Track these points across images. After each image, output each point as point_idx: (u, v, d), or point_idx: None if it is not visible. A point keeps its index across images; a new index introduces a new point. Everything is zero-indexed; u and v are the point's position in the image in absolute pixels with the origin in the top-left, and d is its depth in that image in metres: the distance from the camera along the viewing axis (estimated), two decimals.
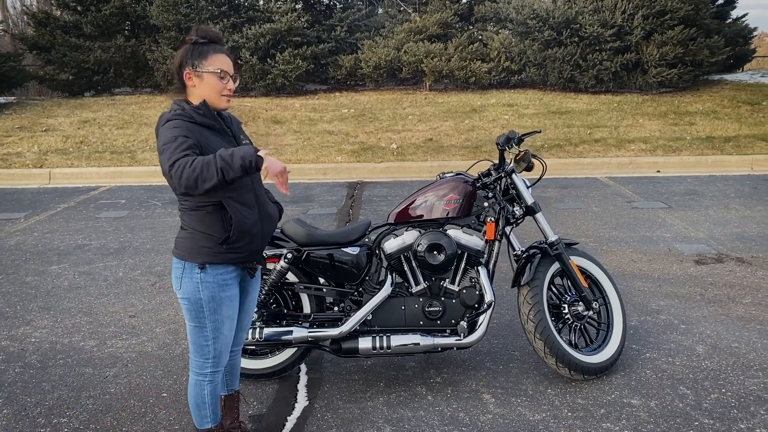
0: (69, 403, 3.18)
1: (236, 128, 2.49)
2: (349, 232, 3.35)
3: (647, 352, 3.64)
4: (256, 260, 2.50)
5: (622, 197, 7.65)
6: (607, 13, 12.43)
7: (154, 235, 6.25)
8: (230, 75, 2.36)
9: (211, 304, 2.38)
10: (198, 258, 2.36)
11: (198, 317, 2.41)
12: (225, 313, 2.42)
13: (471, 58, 13.35)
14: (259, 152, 2.15)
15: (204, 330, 2.42)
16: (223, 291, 2.39)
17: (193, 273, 2.37)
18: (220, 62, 2.33)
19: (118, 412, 3.10)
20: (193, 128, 2.26)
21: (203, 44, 2.34)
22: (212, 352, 2.46)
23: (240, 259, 2.41)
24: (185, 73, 2.32)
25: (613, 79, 12.78)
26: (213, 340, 2.44)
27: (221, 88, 2.33)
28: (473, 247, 3.29)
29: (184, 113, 2.29)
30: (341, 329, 3.19)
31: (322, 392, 3.27)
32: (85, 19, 14.44)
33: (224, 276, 2.39)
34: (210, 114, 2.33)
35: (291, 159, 9.94)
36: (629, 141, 10.24)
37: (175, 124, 2.23)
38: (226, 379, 2.72)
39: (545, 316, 3.23)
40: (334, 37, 14.03)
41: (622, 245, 5.71)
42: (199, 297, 2.37)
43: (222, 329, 2.44)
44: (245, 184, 2.37)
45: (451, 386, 3.30)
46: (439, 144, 10.40)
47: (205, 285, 2.36)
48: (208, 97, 2.33)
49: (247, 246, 2.39)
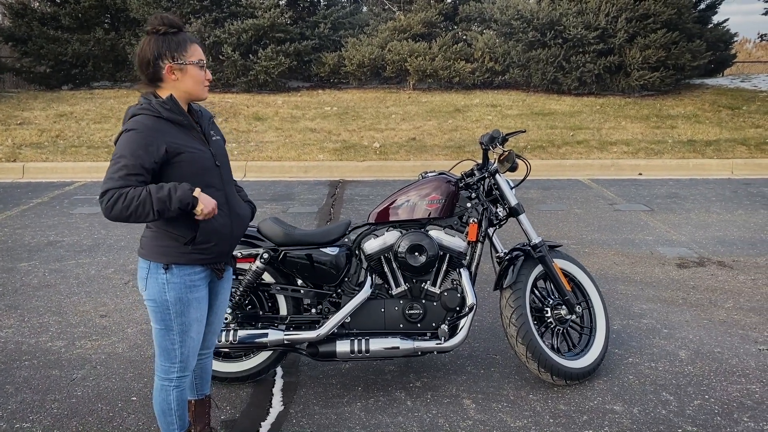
0: (33, 407, 3.05)
1: (206, 123, 2.38)
2: (328, 231, 3.25)
3: (630, 357, 3.59)
4: (224, 261, 2.40)
5: (604, 199, 7.63)
6: (591, 16, 12.46)
7: (129, 233, 6.09)
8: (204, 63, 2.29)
9: (177, 306, 2.27)
10: (163, 258, 2.25)
11: (164, 319, 2.29)
12: (192, 315, 2.31)
13: (455, 58, 13.31)
14: (194, 193, 2.13)
15: (171, 333, 2.31)
16: (191, 292, 2.29)
17: (158, 274, 2.26)
18: (198, 52, 2.27)
19: (84, 416, 2.98)
20: (158, 125, 2.17)
21: (175, 34, 2.23)
22: (179, 356, 2.35)
23: (207, 260, 2.30)
24: (167, 67, 2.21)
25: (596, 81, 12.81)
26: (180, 343, 2.32)
27: (203, 78, 2.27)
28: (455, 249, 3.21)
29: (150, 108, 2.19)
30: (319, 332, 3.09)
31: (298, 397, 3.17)
32: (63, 11, 14.16)
33: (191, 277, 2.28)
34: (177, 109, 2.23)
35: (272, 156, 9.81)
36: (611, 143, 10.26)
37: (132, 134, 2.13)
38: (195, 384, 2.61)
39: (528, 319, 3.16)
40: (318, 34, 13.91)
41: (604, 247, 5.68)
42: (165, 298, 2.26)
43: (189, 332, 2.33)
44: (214, 184, 2.28)
45: (431, 391, 3.22)
46: (422, 143, 10.33)
47: (171, 286, 2.25)
48: (191, 89, 2.26)
49: (215, 247, 2.29)
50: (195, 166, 2.22)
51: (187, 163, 2.20)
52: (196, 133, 2.29)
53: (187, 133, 2.25)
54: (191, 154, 2.21)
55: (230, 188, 2.39)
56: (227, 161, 2.42)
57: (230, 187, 2.39)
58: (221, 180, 2.32)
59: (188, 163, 2.20)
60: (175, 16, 2.28)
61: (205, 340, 2.51)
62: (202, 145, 2.28)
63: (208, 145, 2.31)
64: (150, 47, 2.21)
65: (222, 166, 2.34)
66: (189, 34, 2.29)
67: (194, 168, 2.22)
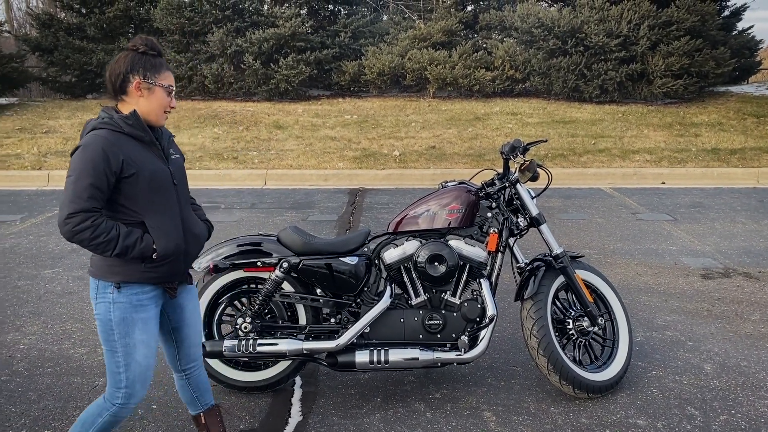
0: (55, 414, 3.08)
1: (166, 141, 2.38)
2: (348, 241, 3.25)
3: (653, 370, 3.52)
4: (177, 280, 2.37)
5: (626, 208, 7.54)
6: (613, 23, 12.36)
7: None
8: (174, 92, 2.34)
9: (121, 327, 2.23)
10: (112, 277, 2.23)
11: (108, 340, 2.25)
12: (137, 336, 2.25)
13: (475, 66, 13.28)
14: (154, 255, 2.20)
15: (115, 355, 2.26)
16: (137, 312, 2.25)
17: (106, 293, 2.24)
18: (170, 79, 2.32)
19: None
20: (119, 140, 2.18)
21: (153, 56, 2.28)
22: (124, 381, 2.27)
23: (159, 278, 2.28)
24: (135, 83, 2.23)
25: (618, 89, 12.70)
26: (125, 367, 2.26)
27: (167, 104, 2.30)
28: (475, 259, 3.18)
29: (112, 122, 2.19)
30: (338, 342, 3.08)
31: (316, 407, 3.16)
32: (88, 21, 14.40)
33: (139, 296, 2.25)
34: (139, 125, 2.23)
35: (292, 164, 9.86)
36: (634, 152, 10.15)
37: (92, 150, 2.12)
38: (196, 397, 2.61)
39: (549, 331, 3.12)
40: (338, 42, 13.98)
41: (626, 258, 5.60)
42: (109, 318, 2.23)
43: (134, 355, 2.25)
44: (170, 203, 2.28)
45: (451, 403, 3.19)
46: (442, 152, 10.31)
47: (116, 306, 2.22)
48: (152, 111, 2.27)
49: (168, 266, 2.28)
50: (152, 183, 2.22)
51: (144, 180, 2.20)
52: (157, 151, 2.29)
53: (147, 149, 2.25)
54: (149, 172, 2.21)
55: (186, 207, 2.39)
56: (185, 180, 2.43)
57: (186, 206, 2.40)
58: (177, 199, 2.32)
59: (145, 180, 2.20)
60: (156, 42, 2.34)
61: (189, 354, 2.53)
62: (162, 162, 2.28)
63: (167, 163, 2.31)
64: (125, 61, 2.25)
65: (179, 185, 2.35)
66: (165, 62, 2.34)
67: (151, 185, 2.22)
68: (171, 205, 2.29)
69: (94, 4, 14.44)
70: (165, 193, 2.27)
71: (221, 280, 3.22)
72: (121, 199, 2.20)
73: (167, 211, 2.26)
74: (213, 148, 10.50)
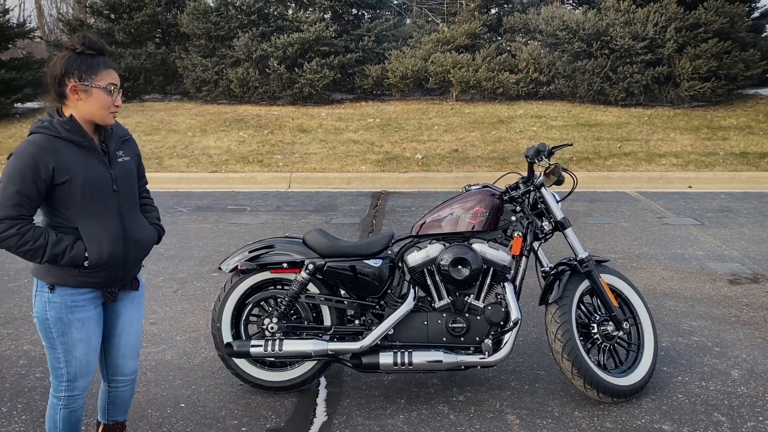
0: (86, 411, 3.15)
1: (116, 143, 2.34)
2: (372, 243, 3.29)
3: (679, 375, 3.49)
4: (116, 285, 2.35)
5: (652, 213, 7.47)
6: (639, 26, 12.24)
7: (178, 242, 6.26)
8: (119, 89, 2.26)
9: (58, 326, 2.26)
10: (47, 278, 2.24)
11: (47, 337, 2.29)
12: (76, 335, 2.27)
13: (499, 69, 13.24)
14: (85, 263, 2.19)
15: (55, 351, 2.30)
16: (72, 313, 2.26)
17: (42, 292, 2.26)
18: (111, 77, 2.23)
19: (135, 421, 3.06)
20: (53, 144, 2.16)
21: (91, 56, 2.21)
22: (65, 375, 2.32)
23: (95, 283, 2.28)
24: (71, 86, 2.18)
25: (643, 92, 12.56)
26: (65, 363, 2.30)
27: (110, 104, 2.23)
28: (499, 262, 3.19)
29: (50, 127, 2.18)
30: (362, 343, 3.12)
31: (341, 407, 3.20)
32: (117, 27, 14.67)
33: (74, 297, 2.26)
34: (77, 130, 2.20)
35: (316, 168, 9.93)
36: (660, 155, 10.04)
37: (22, 157, 2.12)
38: (108, 408, 2.58)
39: (573, 335, 3.12)
40: (362, 47, 14.05)
41: (652, 262, 5.55)
42: (46, 317, 2.26)
43: (74, 352, 2.29)
44: (108, 209, 2.25)
45: (474, 406, 3.20)
46: (465, 155, 10.31)
47: (52, 305, 2.24)
48: (94, 113, 2.22)
49: (105, 273, 2.27)
50: (86, 190, 2.20)
51: (77, 188, 2.18)
52: (98, 155, 2.25)
53: (85, 154, 2.22)
54: (83, 179, 2.18)
55: (129, 213, 2.34)
56: (131, 184, 2.38)
57: (130, 211, 2.35)
58: (117, 205, 2.28)
59: (78, 187, 2.18)
60: (96, 39, 2.25)
61: (117, 366, 2.48)
62: (103, 167, 2.25)
63: (110, 167, 2.28)
64: (61, 63, 2.20)
65: (121, 191, 2.30)
66: (107, 59, 2.26)
67: (84, 192, 2.19)
68: (107, 211, 2.25)
69: (123, 9, 14.71)
70: (102, 200, 2.24)
71: (248, 282, 3.28)
72: (56, 205, 2.20)
73: (103, 217, 2.24)
74: (239, 152, 10.63)
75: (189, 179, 9.65)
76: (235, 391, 3.35)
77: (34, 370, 3.60)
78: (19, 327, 4.20)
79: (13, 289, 4.95)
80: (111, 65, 2.26)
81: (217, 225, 7.01)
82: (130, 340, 2.48)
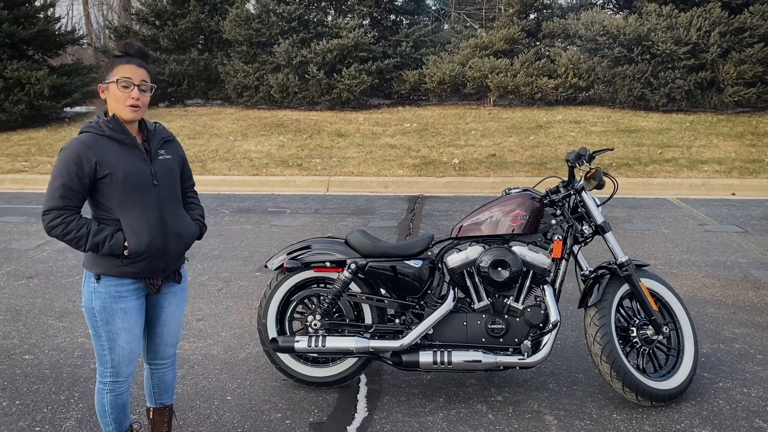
0: (139, 401, 3.30)
1: (158, 142, 2.47)
2: (413, 244, 3.36)
3: (720, 382, 3.48)
4: (157, 276, 2.46)
5: (693, 219, 7.37)
6: (682, 31, 12.06)
7: (222, 242, 6.43)
8: (135, 84, 2.33)
9: (103, 315, 2.39)
10: (94, 268, 2.39)
11: (93, 326, 2.43)
12: (119, 324, 2.41)
13: (537, 74, 13.20)
14: (125, 251, 2.32)
15: (100, 339, 2.44)
16: (116, 303, 2.39)
17: (89, 282, 2.41)
18: (123, 72, 2.32)
19: (184, 411, 3.20)
20: (97, 142, 2.32)
21: (116, 57, 2.36)
22: (110, 362, 2.46)
23: (138, 274, 2.40)
24: (99, 86, 2.37)
25: (686, 97, 12.36)
26: (109, 350, 2.44)
27: (125, 98, 2.32)
28: (539, 265, 3.23)
29: (96, 126, 2.36)
30: (402, 342, 3.19)
31: (381, 404, 3.28)
32: (162, 33, 15.09)
33: (118, 288, 2.39)
34: (118, 128, 2.35)
35: (353, 171, 10.06)
36: (702, 162, 9.87)
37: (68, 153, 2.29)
38: (153, 392, 2.73)
39: (613, 338, 3.14)
40: (400, 52, 14.16)
41: (693, 269, 5.49)
42: (92, 306, 2.40)
43: (117, 340, 2.42)
44: (148, 203, 2.37)
45: (513, 406, 3.24)
46: (503, 160, 10.31)
47: (97, 295, 2.38)
48: (115, 109, 2.35)
49: (146, 263, 2.39)
50: (127, 184, 2.32)
51: (118, 181, 2.31)
52: (138, 152, 2.39)
53: (127, 151, 2.36)
54: (123, 173, 2.32)
55: (169, 207, 2.45)
56: (171, 180, 2.48)
57: (170, 206, 2.45)
58: (157, 198, 2.40)
59: (119, 181, 2.31)
60: (133, 42, 2.39)
61: (158, 351, 2.63)
62: (143, 163, 2.38)
63: (151, 164, 2.40)
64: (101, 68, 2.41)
65: (161, 186, 2.41)
66: (130, 58, 2.35)
67: (126, 186, 2.32)
68: (147, 204, 2.37)
69: (168, 17, 15.13)
70: (141, 193, 2.36)
71: (292, 280, 3.38)
72: (100, 198, 2.35)
73: (142, 210, 2.36)
74: (278, 156, 10.83)
75: (231, 182, 9.88)
76: (279, 386, 3.46)
77: (88, 361, 3.77)
78: (74, 321, 4.40)
79: (66, 284, 5.18)
80: (130, 62, 2.35)
81: (258, 226, 7.18)
82: (171, 331, 2.64)
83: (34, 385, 3.48)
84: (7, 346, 3.99)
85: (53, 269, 5.58)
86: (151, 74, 2.40)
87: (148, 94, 2.39)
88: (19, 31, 13.20)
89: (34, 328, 4.27)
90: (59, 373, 3.63)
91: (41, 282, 5.24)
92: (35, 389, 3.44)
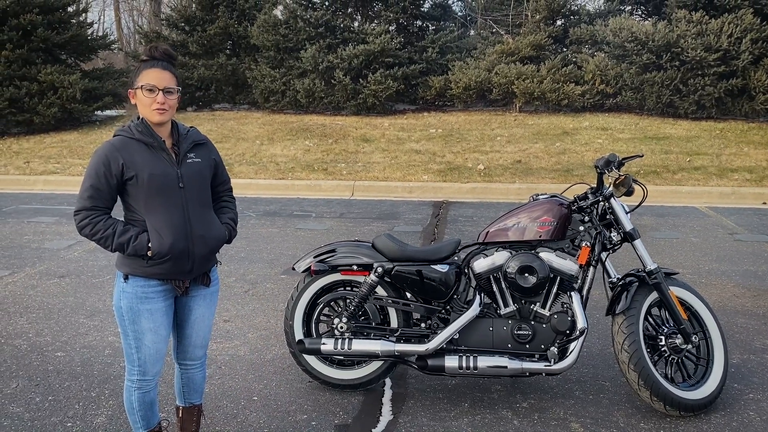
0: (167, 399, 3.35)
1: (187, 145, 2.50)
2: (439, 249, 3.37)
3: (750, 393, 3.42)
4: (184, 278, 2.49)
5: (723, 228, 7.25)
6: (712, 37, 11.90)
7: (248, 245, 6.51)
8: (159, 89, 2.37)
9: (129, 314, 2.45)
10: (123, 268, 2.46)
11: (121, 324, 2.50)
12: (145, 325, 2.46)
13: (564, 81, 13.12)
14: (148, 252, 2.38)
15: (127, 338, 2.50)
16: (142, 303, 2.44)
17: (119, 281, 2.48)
18: (148, 77, 2.37)
19: (211, 411, 3.24)
20: (127, 145, 2.39)
21: (143, 62, 2.42)
22: (137, 360, 2.51)
23: (164, 275, 2.44)
24: (129, 92, 2.44)
25: (715, 105, 12.19)
26: (136, 349, 2.50)
27: (150, 102, 2.37)
28: (566, 272, 3.22)
29: (127, 129, 2.44)
30: (428, 346, 3.20)
31: (406, 407, 3.29)
32: (191, 39, 15.33)
33: (144, 289, 2.44)
34: (147, 131, 2.42)
35: (378, 176, 10.09)
36: (732, 170, 9.72)
37: (98, 155, 2.37)
38: (183, 392, 2.78)
39: (641, 346, 3.11)
40: (426, 58, 14.19)
41: (723, 279, 5.41)
42: (120, 305, 2.47)
43: (143, 340, 2.48)
44: (173, 204, 2.41)
45: (538, 413, 3.23)
46: (528, 166, 10.26)
47: (125, 294, 2.45)
48: (143, 113, 2.42)
49: (171, 265, 2.43)
50: (152, 185, 2.37)
51: (143, 183, 2.37)
52: (165, 155, 2.43)
53: (154, 153, 2.42)
54: (148, 175, 2.37)
55: (195, 210, 2.47)
56: (199, 183, 2.50)
57: (196, 208, 2.48)
58: (183, 200, 2.43)
59: (144, 182, 2.37)
60: (160, 46, 2.44)
61: (187, 352, 2.68)
62: (170, 166, 2.42)
63: (177, 166, 2.43)
64: None
65: (187, 188, 2.44)
66: (156, 61, 2.40)
67: (151, 187, 2.38)
68: (172, 206, 2.41)
69: (197, 22, 15.37)
70: (167, 195, 2.40)
71: (319, 282, 3.42)
72: (128, 199, 2.43)
73: (167, 211, 2.40)
74: (304, 160, 10.92)
75: (257, 185, 9.98)
76: (305, 387, 3.49)
77: (118, 359, 3.84)
78: (104, 320, 4.49)
79: (97, 284, 5.28)
80: (155, 66, 2.40)
81: (284, 230, 7.24)
82: (200, 333, 2.68)
83: (66, 382, 3.56)
84: (39, 343, 4.08)
85: (84, 269, 5.70)
86: (176, 77, 2.45)
87: (175, 96, 2.43)
88: (53, 36, 13.52)
89: (65, 326, 4.37)
90: (90, 371, 3.70)
91: (72, 281, 5.35)
92: (67, 386, 3.52)
